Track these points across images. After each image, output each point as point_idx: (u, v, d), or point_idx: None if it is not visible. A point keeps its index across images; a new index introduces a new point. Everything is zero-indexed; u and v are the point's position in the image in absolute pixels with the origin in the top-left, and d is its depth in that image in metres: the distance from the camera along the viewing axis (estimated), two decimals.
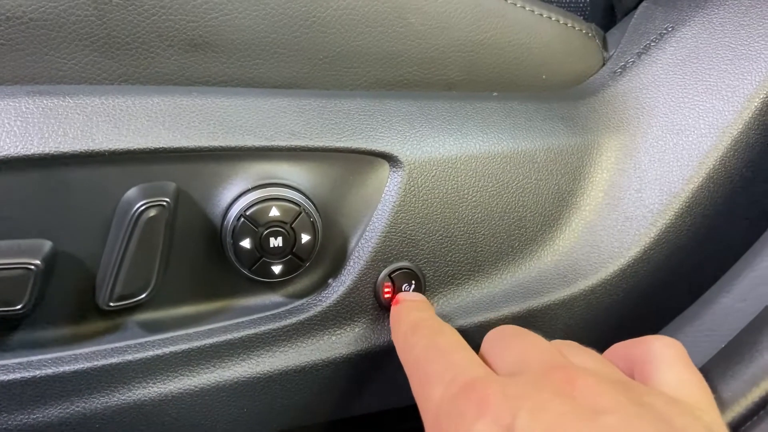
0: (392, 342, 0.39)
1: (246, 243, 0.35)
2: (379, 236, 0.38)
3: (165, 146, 0.33)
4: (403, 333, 0.33)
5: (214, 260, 0.36)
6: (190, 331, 0.36)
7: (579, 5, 0.55)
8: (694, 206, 0.41)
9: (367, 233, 0.38)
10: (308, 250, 0.36)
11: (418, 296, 0.38)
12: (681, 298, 0.41)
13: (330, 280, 0.38)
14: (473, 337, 0.40)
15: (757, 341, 0.31)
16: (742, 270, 0.36)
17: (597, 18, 0.53)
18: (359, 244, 0.38)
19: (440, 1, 0.40)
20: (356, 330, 0.39)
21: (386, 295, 0.38)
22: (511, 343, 0.31)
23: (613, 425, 0.23)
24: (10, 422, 0.33)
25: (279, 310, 0.37)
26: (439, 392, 0.27)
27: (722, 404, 0.30)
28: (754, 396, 0.30)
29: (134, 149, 0.32)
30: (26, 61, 0.33)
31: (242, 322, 0.37)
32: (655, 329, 0.40)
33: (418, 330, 0.33)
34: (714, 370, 0.32)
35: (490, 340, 0.32)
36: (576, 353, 0.29)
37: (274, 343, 0.37)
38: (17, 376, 0.33)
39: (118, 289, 0.33)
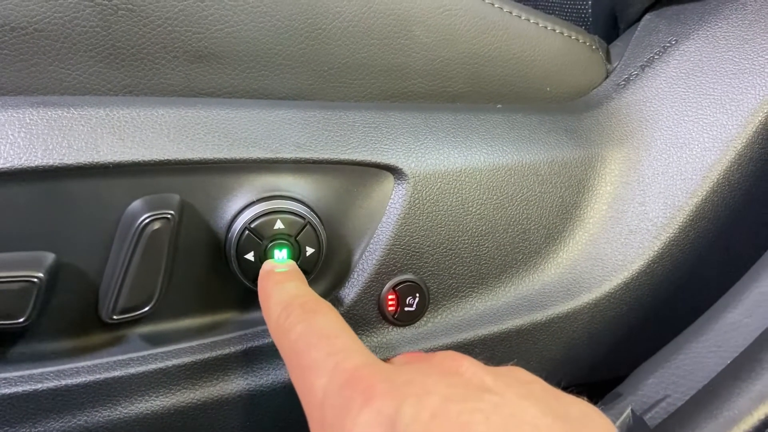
0: (397, 355, 0.38)
1: (250, 256, 0.34)
2: (384, 249, 0.38)
3: (169, 158, 0.33)
4: (276, 315, 0.30)
5: (218, 273, 0.36)
6: (194, 343, 0.36)
7: (581, 17, 0.55)
8: (698, 220, 0.41)
9: (371, 246, 0.38)
10: (313, 262, 0.36)
11: (288, 264, 0.34)
12: (685, 312, 0.41)
13: (334, 293, 0.38)
14: (477, 351, 0.40)
15: (763, 358, 0.31)
16: (747, 285, 0.36)
17: (599, 30, 0.53)
18: (363, 257, 0.38)
19: (445, 14, 0.40)
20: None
21: (390, 308, 0.38)
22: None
23: (498, 403, 0.23)
24: None
25: None
26: (322, 382, 0.25)
27: (729, 422, 0.30)
28: (760, 414, 0.30)
29: (139, 161, 0.32)
30: (31, 71, 0.33)
31: (246, 334, 0.36)
32: (658, 343, 0.40)
33: (293, 311, 0.29)
34: (720, 386, 0.32)
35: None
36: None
37: (277, 355, 0.37)
38: (19, 389, 0.32)
39: (121, 302, 0.33)
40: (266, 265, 0.34)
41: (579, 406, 0.24)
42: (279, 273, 0.33)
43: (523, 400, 0.23)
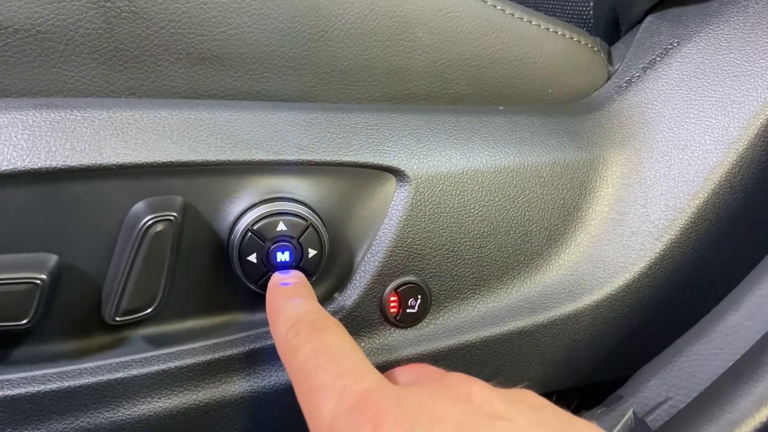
0: (399, 357, 0.39)
1: (253, 257, 0.34)
2: (386, 250, 0.38)
3: (172, 160, 0.33)
4: (284, 333, 0.29)
5: (221, 274, 0.36)
6: (196, 345, 0.36)
7: (583, 18, 0.55)
8: (699, 222, 0.41)
9: (373, 247, 0.38)
10: (315, 264, 0.36)
11: (296, 277, 0.34)
12: (686, 313, 0.41)
13: (336, 294, 0.38)
14: (479, 352, 0.40)
15: (764, 361, 0.31)
16: (749, 287, 0.36)
17: (601, 31, 0.54)
18: (365, 259, 0.38)
19: (447, 16, 0.40)
20: (362, 344, 0.39)
21: (392, 310, 0.38)
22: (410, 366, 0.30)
23: (510, 430, 0.22)
24: None
25: None
26: (330, 405, 0.24)
27: (731, 424, 0.30)
28: (762, 416, 0.30)
29: (142, 163, 0.32)
30: (34, 73, 0.33)
31: (248, 336, 0.36)
32: (659, 345, 0.40)
33: (301, 329, 0.29)
34: (722, 389, 0.32)
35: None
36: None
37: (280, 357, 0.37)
38: (22, 390, 0.32)
39: (124, 304, 0.33)
40: (274, 278, 0.34)
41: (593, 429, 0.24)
42: (287, 287, 0.33)
43: (535, 427, 0.23)
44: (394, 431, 0.22)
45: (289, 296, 0.32)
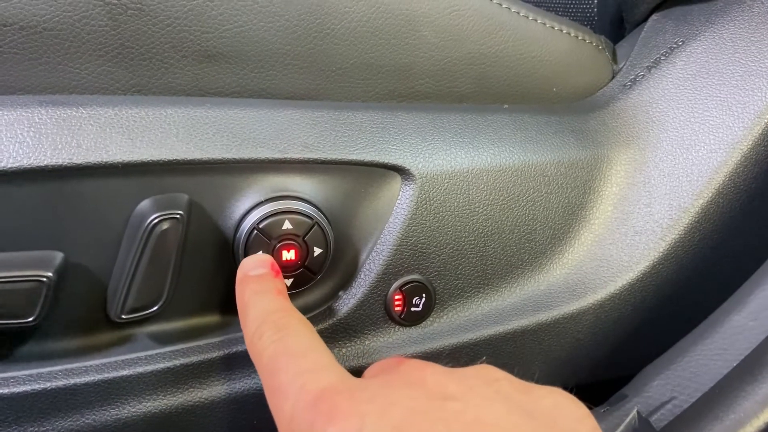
0: (403, 355, 0.39)
1: None
2: (390, 249, 0.38)
3: (178, 158, 0.33)
4: (250, 335, 0.29)
5: (226, 272, 0.36)
6: (201, 343, 0.36)
7: (587, 17, 0.55)
8: (703, 221, 0.41)
9: (378, 246, 0.38)
10: (320, 263, 0.36)
11: (265, 264, 0.33)
12: (690, 313, 0.41)
13: (340, 293, 0.38)
14: (482, 351, 0.40)
15: None
16: (753, 288, 0.36)
17: (605, 30, 0.53)
18: (370, 257, 0.38)
19: (453, 14, 0.40)
20: (366, 343, 0.39)
21: (397, 308, 0.38)
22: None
23: (460, 410, 0.23)
24: None
25: None
26: (289, 405, 0.25)
27: (735, 424, 0.30)
28: (766, 417, 0.30)
29: (147, 161, 0.32)
30: (39, 70, 0.33)
31: None
32: (663, 344, 0.40)
33: (264, 331, 0.29)
34: (727, 389, 0.32)
35: None
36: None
37: None
38: (27, 388, 0.32)
39: (130, 302, 0.33)
40: (242, 267, 0.33)
41: (551, 398, 0.24)
42: (254, 278, 0.32)
43: (488, 402, 0.23)
44: (347, 423, 0.23)
45: (255, 292, 0.31)
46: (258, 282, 0.32)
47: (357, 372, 0.38)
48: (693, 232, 0.41)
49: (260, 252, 0.34)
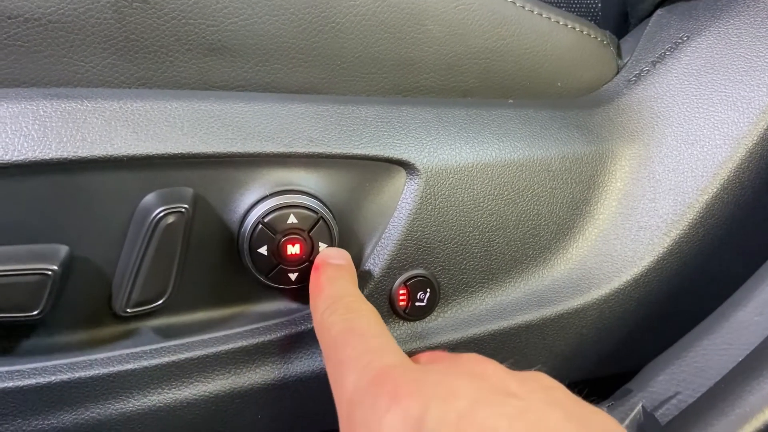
0: (408, 350, 0.39)
1: (263, 250, 0.34)
2: (395, 244, 0.38)
3: (183, 152, 0.33)
4: (322, 311, 0.31)
5: (231, 266, 0.36)
6: (206, 337, 0.36)
7: (591, 11, 0.55)
8: (708, 217, 0.41)
9: (382, 240, 0.38)
10: None
11: (341, 257, 0.35)
12: (694, 308, 0.41)
13: None
14: (487, 345, 0.40)
15: None
16: (758, 283, 0.36)
17: (610, 25, 0.53)
18: (375, 252, 0.38)
19: (458, 9, 0.40)
20: None
21: (401, 303, 0.38)
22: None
23: (523, 408, 0.23)
24: (25, 428, 0.33)
25: (294, 316, 0.37)
26: (352, 378, 0.26)
27: (740, 419, 0.30)
28: None
29: (153, 155, 0.32)
30: (44, 63, 0.33)
31: (257, 328, 0.37)
32: (667, 339, 0.40)
33: (337, 309, 0.30)
34: (731, 384, 0.32)
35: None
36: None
37: (289, 349, 0.37)
38: (32, 381, 0.32)
39: (135, 296, 0.33)
40: (322, 255, 0.35)
41: (600, 416, 0.24)
42: (333, 266, 0.34)
43: (547, 406, 0.23)
44: (410, 403, 0.23)
45: (332, 277, 0.33)
46: (336, 269, 0.34)
47: None
48: (697, 228, 0.41)
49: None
